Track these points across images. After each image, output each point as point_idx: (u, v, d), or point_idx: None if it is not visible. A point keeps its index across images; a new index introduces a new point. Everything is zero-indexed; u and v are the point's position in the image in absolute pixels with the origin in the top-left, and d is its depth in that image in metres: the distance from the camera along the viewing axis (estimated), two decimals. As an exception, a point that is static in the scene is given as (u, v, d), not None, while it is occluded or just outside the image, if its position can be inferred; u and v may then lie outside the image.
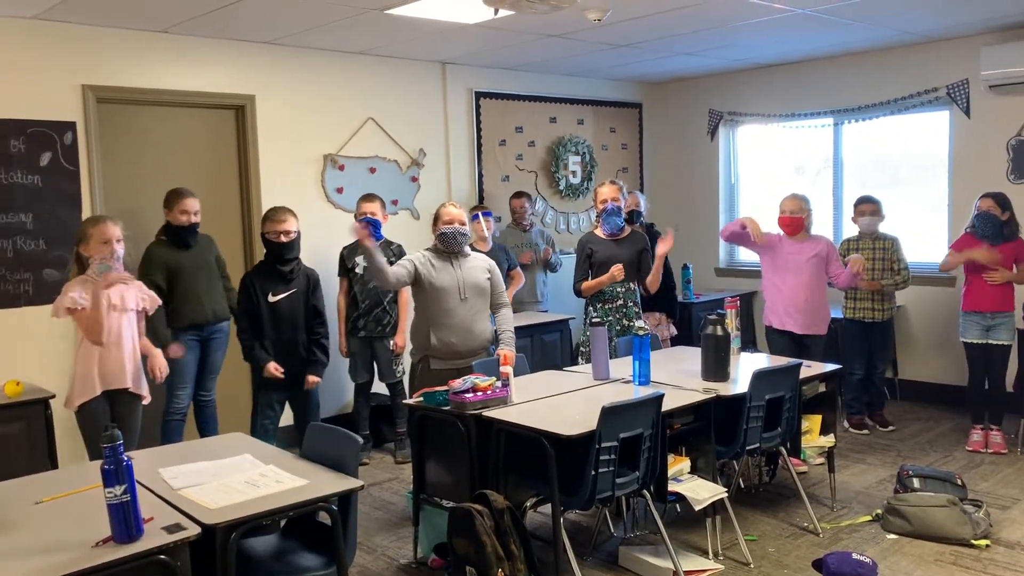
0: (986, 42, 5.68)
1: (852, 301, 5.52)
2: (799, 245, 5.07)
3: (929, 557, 3.65)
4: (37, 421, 3.89)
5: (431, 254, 4.16)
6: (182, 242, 4.56)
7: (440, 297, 4.06)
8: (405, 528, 4.08)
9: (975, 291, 5.09)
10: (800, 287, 5.02)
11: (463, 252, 4.19)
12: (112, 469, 2.18)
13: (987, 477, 4.65)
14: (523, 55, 6.14)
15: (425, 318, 4.12)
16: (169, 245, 4.57)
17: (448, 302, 4.07)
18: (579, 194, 7.30)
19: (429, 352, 4.11)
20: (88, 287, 3.69)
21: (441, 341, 4.07)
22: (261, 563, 2.75)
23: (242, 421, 4.81)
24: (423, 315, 4.14)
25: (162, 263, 4.49)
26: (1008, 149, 5.78)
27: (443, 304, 4.06)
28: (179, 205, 4.53)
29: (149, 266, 4.48)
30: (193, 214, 4.55)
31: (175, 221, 4.53)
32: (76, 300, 3.64)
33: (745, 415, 3.71)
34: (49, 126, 4.64)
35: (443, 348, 4.08)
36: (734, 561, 3.65)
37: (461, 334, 4.09)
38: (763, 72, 7.06)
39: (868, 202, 5.50)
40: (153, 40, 4.98)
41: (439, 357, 4.09)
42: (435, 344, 4.07)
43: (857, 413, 5.64)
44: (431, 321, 4.09)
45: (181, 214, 4.53)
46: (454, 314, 4.07)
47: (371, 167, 5.96)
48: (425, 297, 4.10)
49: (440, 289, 4.06)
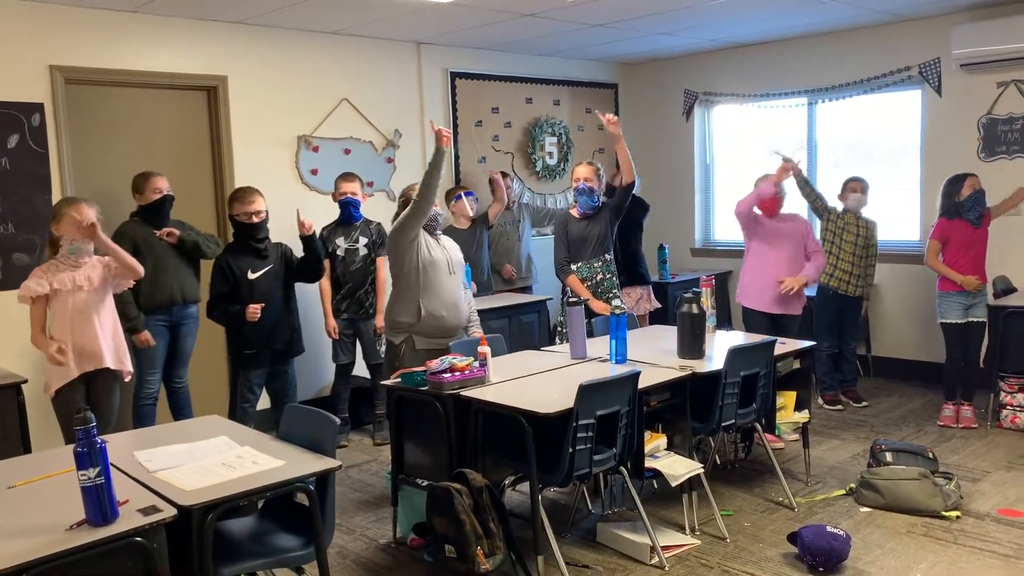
0: (957, 21, 5.72)
1: (831, 267, 5.53)
2: (777, 224, 5.12)
3: (901, 529, 3.71)
4: (9, 406, 3.84)
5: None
6: (157, 219, 4.54)
7: (433, 269, 4.04)
8: (384, 508, 4.09)
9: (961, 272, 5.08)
10: (779, 266, 5.06)
11: (438, 231, 4.20)
12: (85, 452, 2.16)
13: (958, 451, 4.73)
14: (499, 35, 6.10)
15: (414, 292, 4.02)
16: (141, 224, 4.54)
17: (440, 275, 4.06)
18: (556, 175, 7.29)
19: (414, 330, 4.04)
20: (52, 272, 3.65)
21: (431, 315, 4.01)
22: (239, 545, 2.74)
23: (219, 405, 4.79)
24: (411, 289, 4.03)
25: (129, 239, 4.44)
26: (979, 127, 5.84)
27: (436, 277, 4.04)
28: (150, 184, 4.52)
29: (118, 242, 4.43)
30: (165, 190, 4.56)
31: (147, 200, 4.52)
32: (32, 288, 3.62)
33: (721, 392, 3.75)
34: (16, 108, 4.56)
35: (431, 322, 4.02)
36: (711, 536, 3.69)
37: (450, 308, 4.09)
38: (738, 52, 7.07)
39: (857, 181, 5.56)
40: (123, 20, 4.90)
41: (425, 335, 4.03)
42: (424, 317, 4.00)
43: (831, 389, 5.71)
44: (422, 293, 4.01)
45: (153, 192, 4.51)
46: (444, 288, 4.07)
47: (346, 148, 5.92)
48: (417, 270, 4.01)
49: (434, 261, 4.05)
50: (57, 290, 3.66)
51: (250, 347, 4.52)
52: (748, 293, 5.18)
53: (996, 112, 5.76)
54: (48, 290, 3.63)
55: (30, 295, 3.63)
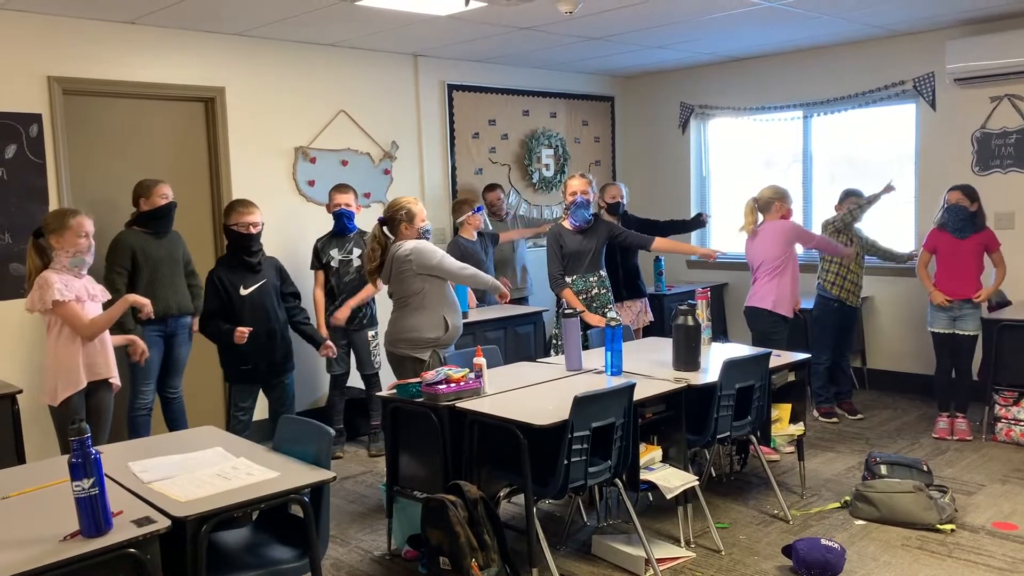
0: (951, 36, 5.76)
1: (840, 278, 5.53)
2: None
3: (896, 542, 3.72)
4: (4, 416, 3.83)
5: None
6: (159, 226, 4.57)
7: (444, 283, 4.21)
8: (379, 520, 4.08)
9: (942, 283, 5.19)
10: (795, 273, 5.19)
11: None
12: (80, 462, 2.15)
13: (952, 463, 4.74)
14: (496, 48, 6.13)
15: (439, 307, 4.15)
16: (140, 232, 4.56)
17: (448, 288, 4.24)
18: (552, 187, 7.32)
19: (439, 343, 4.17)
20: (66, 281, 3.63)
21: (454, 326, 4.21)
22: (233, 556, 2.73)
23: (213, 416, 4.78)
24: (437, 306, 4.14)
25: (128, 248, 4.47)
26: (973, 141, 5.87)
27: (447, 290, 4.23)
28: (157, 190, 4.56)
29: (116, 253, 4.46)
30: (171, 196, 4.61)
31: (154, 205, 4.54)
32: (63, 292, 3.57)
33: (716, 404, 3.75)
34: (14, 118, 4.57)
35: (454, 333, 4.23)
36: (706, 548, 3.69)
37: (459, 317, 4.30)
38: (733, 65, 7.11)
39: (856, 195, 5.60)
40: (120, 31, 4.92)
41: (446, 345, 4.22)
42: (450, 329, 4.18)
43: (826, 402, 5.72)
44: (446, 307, 4.18)
45: (161, 198, 4.55)
46: (454, 299, 4.26)
47: (343, 160, 5.93)
48: (440, 286, 4.17)
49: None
50: (77, 297, 3.65)
51: (245, 362, 4.50)
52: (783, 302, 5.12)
53: (990, 126, 5.79)
54: (73, 296, 3.62)
55: (60, 298, 3.55)
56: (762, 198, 5.13)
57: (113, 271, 4.44)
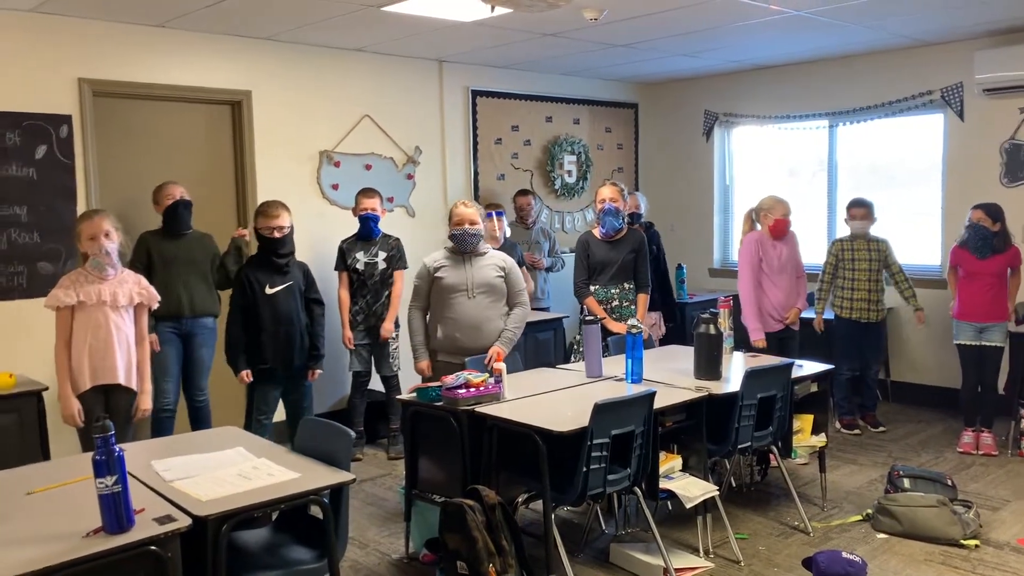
0: (980, 46, 5.70)
1: (847, 301, 5.53)
2: (782, 247, 5.17)
3: (919, 557, 3.67)
4: (30, 413, 3.89)
5: (446, 252, 4.29)
6: (170, 225, 4.63)
7: (446, 295, 4.18)
8: (397, 523, 4.08)
9: (966, 301, 5.12)
10: (784, 287, 5.16)
11: (477, 251, 4.25)
12: (103, 460, 2.18)
13: (977, 478, 4.67)
14: (520, 54, 6.15)
15: (432, 314, 4.27)
16: (159, 233, 4.65)
17: (454, 299, 4.17)
18: (574, 193, 7.31)
19: (435, 346, 4.25)
20: (79, 284, 3.67)
21: (446, 337, 4.19)
22: (252, 556, 2.75)
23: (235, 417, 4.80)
24: (431, 311, 4.29)
25: (144, 248, 4.57)
26: (1001, 152, 5.80)
27: (449, 301, 4.17)
28: (163, 192, 4.67)
29: (135, 253, 4.55)
30: (178, 195, 4.66)
31: (163, 207, 4.63)
32: (60, 298, 3.63)
33: (737, 414, 3.73)
34: (45, 119, 4.64)
35: (448, 344, 4.19)
36: (725, 559, 3.66)
37: (467, 331, 4.16)
38: (759, 74, 7.08)
39: (860, 206, 5.55)
40: (150, 34, 4.98)
41: (446, 351, 4.21)
42: (440, 339, 4.22)
43: (848, 413, 5.66)
44: (437, 317, 4.23)
45: (167, 199, 4.64)
46: (460, 311, 4.16)
47: (367, 164, 5.97)
48: (433, 294, 4.23)
49: (446, 287, 4.18)
50: (83, 302, 3.68)
51: (265, 362, 4.54)
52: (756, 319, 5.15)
53: (1019, 137, 5.72)
54: (75, 301, 3.66)
55: (57, 304, 3.65)
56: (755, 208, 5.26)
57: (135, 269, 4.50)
